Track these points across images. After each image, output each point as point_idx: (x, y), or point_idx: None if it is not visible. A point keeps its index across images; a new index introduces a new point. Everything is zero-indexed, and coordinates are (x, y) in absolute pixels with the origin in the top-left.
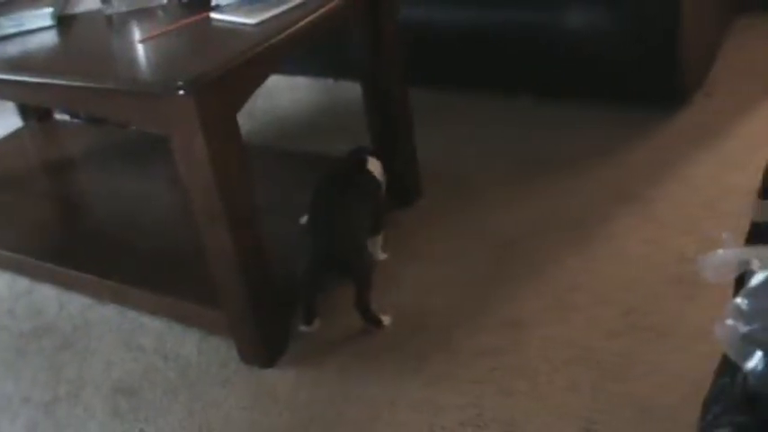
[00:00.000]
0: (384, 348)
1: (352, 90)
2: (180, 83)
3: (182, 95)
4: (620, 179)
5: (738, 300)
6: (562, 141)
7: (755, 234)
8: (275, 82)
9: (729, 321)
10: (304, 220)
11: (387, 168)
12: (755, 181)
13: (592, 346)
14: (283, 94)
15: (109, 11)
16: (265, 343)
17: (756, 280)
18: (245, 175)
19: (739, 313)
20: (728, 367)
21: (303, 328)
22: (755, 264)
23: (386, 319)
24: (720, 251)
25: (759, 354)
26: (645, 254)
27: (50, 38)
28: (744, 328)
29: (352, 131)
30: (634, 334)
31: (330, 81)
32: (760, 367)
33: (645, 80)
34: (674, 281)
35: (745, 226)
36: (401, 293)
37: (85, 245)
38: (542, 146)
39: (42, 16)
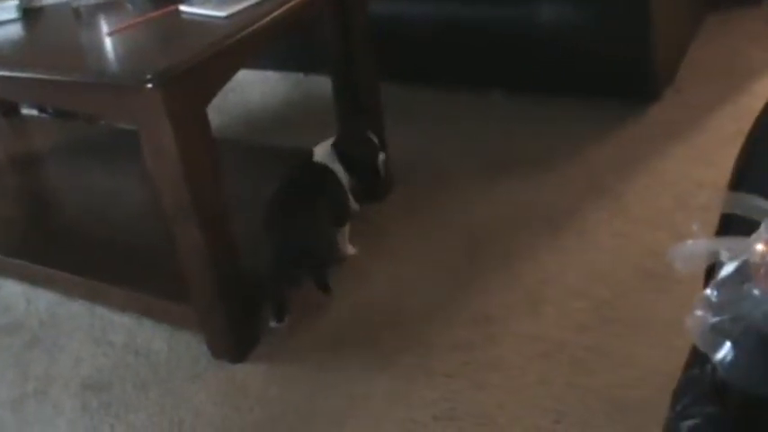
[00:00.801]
0: (357, 343)
1: (323, 84)
2: (148, 76)
3: (150, 89)
4: (591, 174)
5: (708, 291)
6: (534, 137)
7: (725, 225)
8: (246, 76)
9: (699, 312)
10: None
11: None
12: (726, 175)
13: (563, 340)
14: (254, 88)
15: (76, 3)
16: (236, 337)
17: (725, 271)
18: (215, 170)
19: (708, 304)
20: (698, 358)
21: (273, 324)
22: (724, 255)
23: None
24: (690, 242)
25: (727, 344)
26: (616, 247)
27: (16, 30)
28: (713, 319)
29: (322, 125)
30: (606, 327)
31: (301, 75)
32: (728, 358)
33: (616, 76)
34: (645, 274)
35: (715, 219)
36: (373, 289)
37: (54, 241)
38: (514, 141)
39: (7, 9)
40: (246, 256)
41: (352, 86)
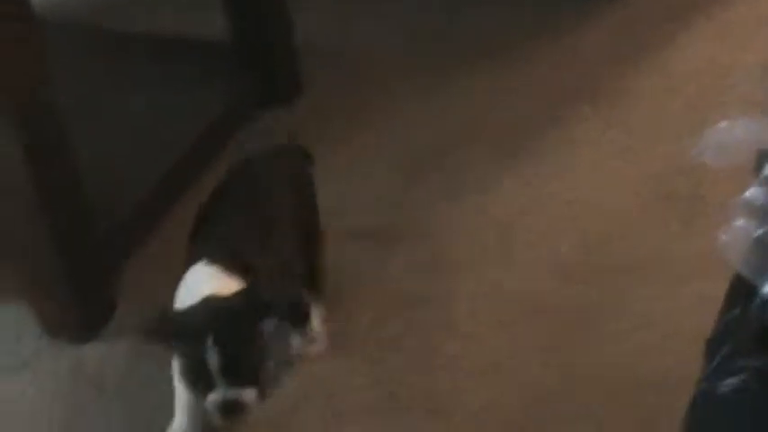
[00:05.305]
0: None
1: None
2: None
3: None
4: (575, 66)
5: (750, 192)
6: (491, 17)
7: None
8: None
9: (738, 222)
10: None
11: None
12: None
13: (544, 298)
14: None
15: None
16: (82, 307)
17: None
18: (43, 70)
19: (752, 210)
20: (740, 292)
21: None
22: None
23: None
24: (723, 124)
25: None
26: (614, 167)
27: None
28: (759, 231)
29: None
30: (603, 278)
31: None
32: None
33: None
34: (658, 201)
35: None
36: None
37: None
38: (465, 22)
39: None
40: (96, 187)
41: None
